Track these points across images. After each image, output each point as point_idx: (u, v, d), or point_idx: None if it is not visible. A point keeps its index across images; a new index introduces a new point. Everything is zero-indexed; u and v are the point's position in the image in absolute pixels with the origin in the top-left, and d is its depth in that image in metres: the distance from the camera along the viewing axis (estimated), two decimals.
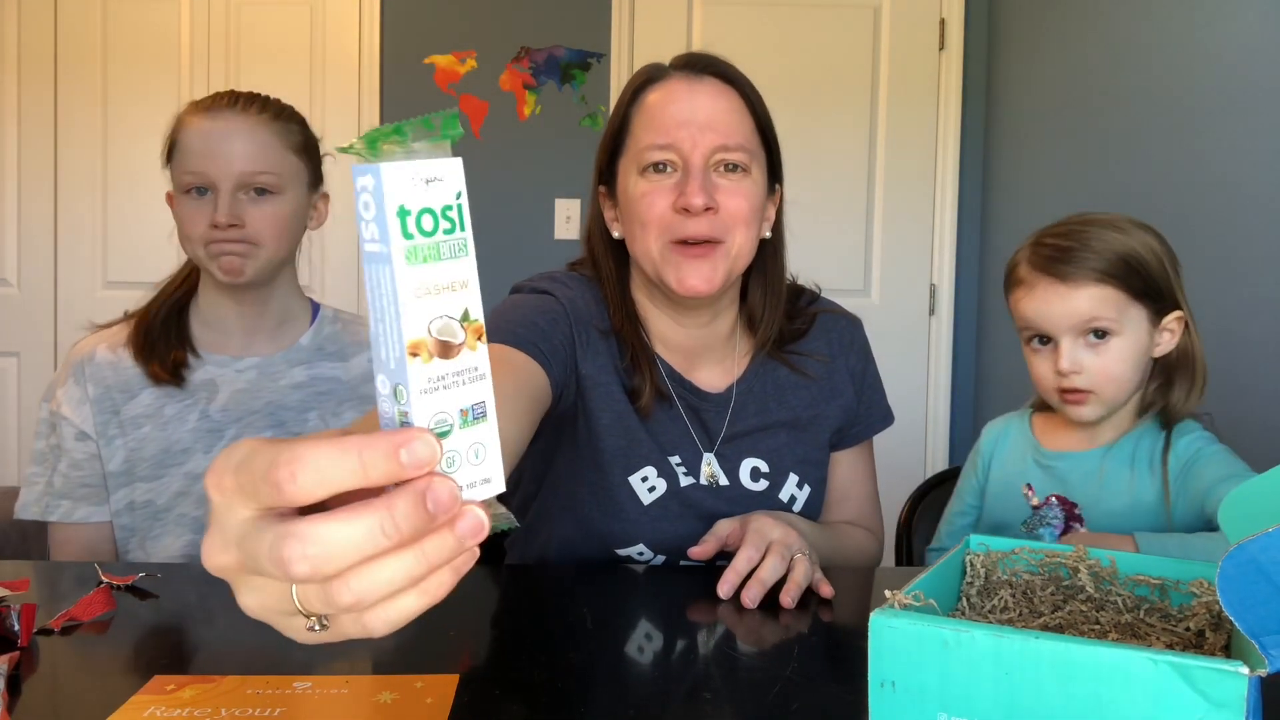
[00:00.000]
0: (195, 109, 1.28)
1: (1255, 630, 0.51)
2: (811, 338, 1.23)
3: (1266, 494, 0.59)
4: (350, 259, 3.03)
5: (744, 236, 1.06)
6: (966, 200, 3.10)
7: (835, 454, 1.28)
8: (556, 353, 1.01)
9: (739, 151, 1.05)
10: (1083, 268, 1.10)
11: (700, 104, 1.05)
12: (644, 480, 1.12)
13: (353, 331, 1.39)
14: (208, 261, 1.25)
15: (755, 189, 1.07)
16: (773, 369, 1.21)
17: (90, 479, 1.26)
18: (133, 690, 0.72)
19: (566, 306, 1.09)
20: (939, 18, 3.05)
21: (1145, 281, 1.11)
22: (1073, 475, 1.19)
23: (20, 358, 3.05)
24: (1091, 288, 1.10)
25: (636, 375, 1.11)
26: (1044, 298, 1.12)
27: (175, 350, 1.27)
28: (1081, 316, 1.11)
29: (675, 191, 1.03)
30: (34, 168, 3.02)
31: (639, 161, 1.06)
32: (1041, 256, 1.13)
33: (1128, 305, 1.11)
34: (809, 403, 1.22)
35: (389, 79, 3.07)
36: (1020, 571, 0.77)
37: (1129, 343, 1.12)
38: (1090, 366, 1.12)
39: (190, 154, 1.24)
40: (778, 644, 0.90)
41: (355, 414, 1.33)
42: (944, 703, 0.58)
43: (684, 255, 1.04)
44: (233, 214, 1.21)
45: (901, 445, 3.11)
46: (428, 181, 0.39)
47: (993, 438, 1.29)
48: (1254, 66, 1.74)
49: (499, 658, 0.83)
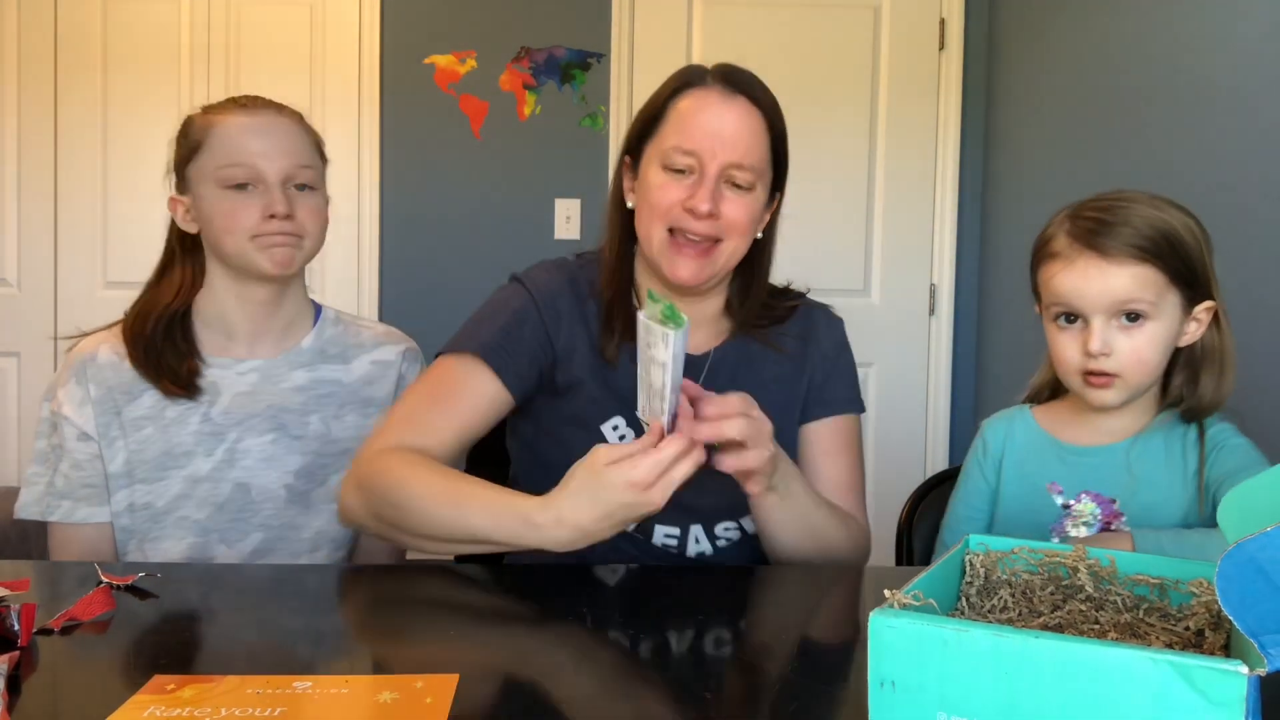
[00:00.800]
0: (223, 109, 1.26)
1: (1254, 629, 0.51)
2: (790, 323, 1.31)
3: (1266, 494, 0.59)
4: (351, 259, 3.03)
5: (737, 242, 1.19)
6: (966, 200, 3.10)
7: (805, 428, 1.30)
8: (520, 351, 1.19)
9: (748, 171, 1.16)
10: (1126, 243, 1.05)
11: (728, 121, 1.15)
12: (615, 429, 1.21)
13: (354, 333, 1.38)
14: (255, 254, 1.24)
15: (755, 204, 1.19)
16: (748, 343, 1.29)
17: (92, 479, 1.25)
18: (133, 690, 0.72)
19: (535, 295, 1.22)
20: (939, 17, 3.05)
21: (1185, 263, 1.07)
22: (1103, 469, 1.14)
23: (20, 358, 3.05)
24: (1133, 266, 1.06)
25: (609, 329, 1.22)
26: (1083, 272, 1.07)
27: (187, 360, 1.26)
28: (1118, 296, 1.06)
29: (688, 191, 1.15)
30: (34, 168, 3.02)
31: (663, 157, 1.17)
32: (1082, 229, 1.08)
33: (1165, 289, 1.07)
34: (780, 375, 1.28)
35: (389, 79, 3.07)
36: (1020, 571, 0.77)
37: (1162, 328, 1.07)
38: (1121, 349, 1.07)
39: (234, 149, 1.23)
40: (778, 644, 0.90)
41: (356, 417, 1.32)
42: (944, 702, 0.58)
43: (680, 249, 1.17)
44: (289, 204, 1.23)
45: (901, 445, 3.11)
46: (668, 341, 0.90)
47: (1000, 436, 1.23)
48: (1255, 65, 1.74)
49: (499, 658, 0.83)
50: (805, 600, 1.00)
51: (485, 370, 1.17)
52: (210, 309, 1.30)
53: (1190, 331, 1.11)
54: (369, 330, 1.40)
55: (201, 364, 1.27)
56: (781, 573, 1.14)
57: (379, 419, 1.30)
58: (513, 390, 1.18)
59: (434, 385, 1.18)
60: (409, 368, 1.38)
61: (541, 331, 1.20)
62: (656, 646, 0.88)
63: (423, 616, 0.99)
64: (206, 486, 1.26)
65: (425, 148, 3.09)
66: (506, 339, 1.18)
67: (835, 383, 1.31)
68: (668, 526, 1.21)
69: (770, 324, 1.30)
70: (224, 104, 1.28)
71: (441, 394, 1.16)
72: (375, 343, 1.38)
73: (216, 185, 1.24)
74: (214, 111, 1.27)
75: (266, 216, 1.22)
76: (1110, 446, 1.14)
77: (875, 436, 3.11)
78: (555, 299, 1.23)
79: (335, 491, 1.27)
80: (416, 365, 1.39)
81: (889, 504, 1.38)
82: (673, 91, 1.19)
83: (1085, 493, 1.14)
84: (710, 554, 1.22)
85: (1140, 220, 1.07)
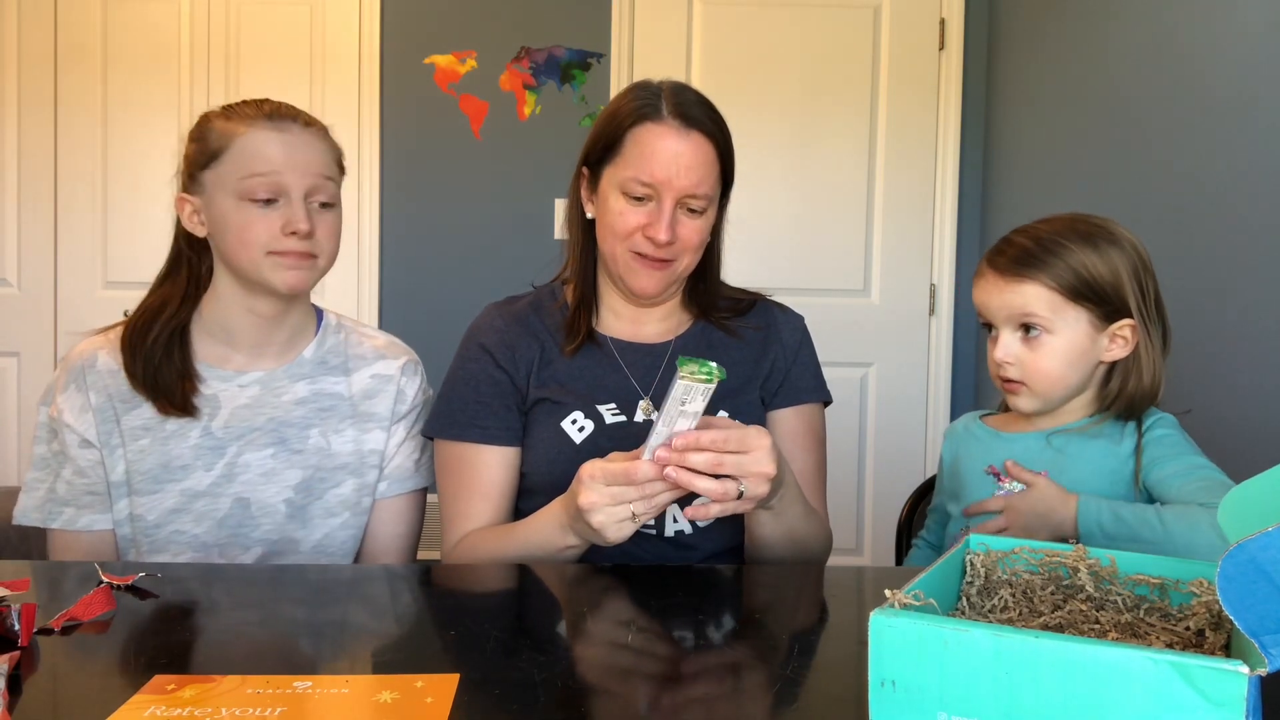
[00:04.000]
0: (248, 119, 1.23)
1: (1255, 629, 0.51)
2: (750, 316, 1.39)
3: (1266, 494, 0.59)
4: (351, 259, 3.03)
5: (691, 258, 1.29)
6: (966, 200, 3.10)
7: (772, 414, 1.34)
8: (495, 409, 1.28)
9: (703, 199, 1.25)
10: (1017, 262, 1.15)
11: (684, 154, 1.23)
12: (574, 423, 1.26)
13: (355, 343, 1.36)
14: (269, 272, 1.22)
15: (706, 223, 1.28)
16: (709, 331, 1.36)
17: (95, 486, 1.24)
18: (133, 690, 0.72)
19: (487, 346, 1.31)
20: (939, 17, 3.05)
21: (1087, 285, 1.14)
22: (1031, 450, 1.21)
23: (20, 358, 3.05)
24: (1027, 285, 1.15)
25: (573, 332, 1.31)
26: (985, 288, 1.19)
27: (184, 381, 1.24)
28: (1013, 309, 1.16)
29: (647, 219, 1.24)
30: (34, 168, 3.02)
31: (623, 185, 1.24)
32: (994, 249, 1.20)
33: (1064, 306, 1.14)
34: (741, 360, 1.33)
35: (389, 79, 3.07)
36: (1020, 571, 0.77)
37: (1063, 341, 1.16)
38: (1023, 359, 1.17)
39: (259, 162, 1.20)
40: (778, 644, 0.90)
41: (354, 431, 1.31)
42: (944, 702, 0.58)
43: (641, 265, 1.26)
44: (310, 222, 1.21)
45: (901, 445, 3.11)
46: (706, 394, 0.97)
47: (952, 442, 1.34)
48: (1254, 65, 1.74)
49: (499, 658, 0.83)
50: (805, 600, 1.00)
51: (476, 447, 1.26)
52: (214, 317, 1.28)
53: (1116, 348, 1.17)
54: (370, 341, 1.37)
55: (199, 382, 1.25)
56: (781, 573, 1.14)
57: (377, 435, 1.32)
58: (510, 442, 1.27)
59: (453, 475, 1.28)
60: (408, 381, 1.36)
61: (504, 378, 1.29)
62: (656, 646, 0.88)
63: (423, 616, 0.99)
64: (205, 501, 1.24)
65: (425, 148, 3.09)
66: (480, 409, 1.27)
67: (799, 371, 1.36)
68: None
69: (732, 316, 1.37)
70: (249, 109, 1.24)
71: (464, 480, 1.27)
72: (376, 355, 1.36)
73: (236, 197, 1.20)
74: (238, 119, 1.23)
75: (286, 233, 1.20)
76: (1039, 432, 1.22)
77: (875, 436, 3.11)
78: (504, 336, 1.31)
79: (333, 506, 1.28)
80: (416, 378, 1.37)
81: (889, 504, 1.38)
82: (632, 121, 1.24)
83: (1010, 462, 1.22)
84: (689, 532, 1.24)
85: (1042, 242, 1.15)
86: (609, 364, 1.31)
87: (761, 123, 3.02)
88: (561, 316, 1.33)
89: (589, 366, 1.31)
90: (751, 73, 3.02)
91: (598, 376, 1.30)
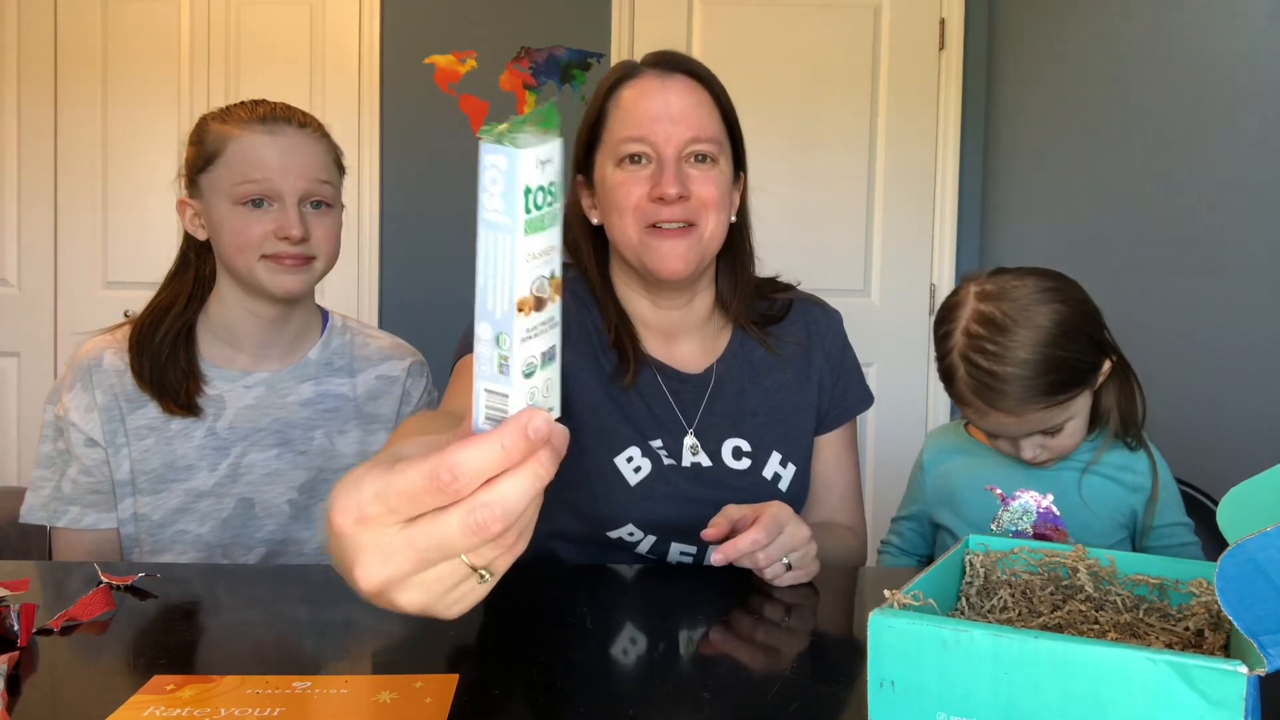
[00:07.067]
0: (243, 121, 1.23)
1: (1254, 629, 0.51)
2: (789, 322, 1.29)
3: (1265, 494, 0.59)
4: (351, 259, 3.03)
5: (715, 220, 1.14)
6: (966, 200, 3.10)
7: (819, 439, 1.28)
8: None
9: (708, 143, 1.12)
10: (1018, 400, 1.14)
11: (672, 99, 1.11)
12: (629, 461, 1.15)
13: (360, 344, 1.37)
14: (263, 276, 1.22)
15: (723, 177, 1.14)
16: (750, 350, 1.26)
17: (101, 485, 1.24)
18: (133, 690, 0.72)
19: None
20: (939, 18, 3.05)
21: (1074, 375, 1.15)
22: (1041, 474, 1.25)
23: (20, 358, 3.05)
24: (1034, 413, 1.15)
25: (619, 349, 1.18)
26: (996, 423, 1.18)
27: (189, 380, 1.24)
28: (1035, 428, 1.18)
29: (650, 181, 1.11)
30: (34, 167, 3.02)
31: (615, 154, 1.13)
32: (982, 385, 1.15)
33: (1072, 399, 1.17)
34: (786, 383, 1.25)
35: (389, 79, 3.07)
36: (1019, 571, 0.77)
37: (1079, 418, 1.20)
38: (1052, 447, 1.20)
39: (250, 166, 1.20)
40: (777, 644, 0.90)
41: (359, 432, 1.31)
42: (943, 702, 0.58)
43: (661, 238, 1.12)
44: (304, 225, 1.21)
45: (901, 445, 3.11)
46: (543, 163, 0.45)
47: (935, 452, 1.35)
48: (1255, 67, 1.74)
49: (499, 658, 0.83)
50: (805, 600, 1.00)
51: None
52: (219, 318, 1.29)
53: (1099, 383, 1.22)
54: (375, 342, 1.38)
55: (204, 383, 1.26)
56: None
57: (382, 436, 1.30)
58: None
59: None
60: (413, 383, 1.36)
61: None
62: (657, 646, 0.88)
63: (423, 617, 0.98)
64: (209, 501, 1.24)
65: (425, 148, 3.09)
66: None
67: (845, 386, 1.30)
68: (685, 545, 1.17)
69: (767, 324, 1.27)
70: (244, 112, 1.24)
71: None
72: (382, 356, 1.36)
73: (231, 201, 1.21)
74: (233, 122, 1.23)
75: (279, 237, 1.20)
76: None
77: (875, 436, 3.11)
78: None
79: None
80: (421, 379, 1.38)
81: (889, 504, 1.38)
82: (609, 89, 1.16)
83: (1023, 490, 1.26)
84: (690, 562, 1.19)
85: (1030, 370, 1.12)
86: (650, 391, 1.20)
87: (761, 123, 3.01)
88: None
89: (641, 398, 1.19)
90: (751, 73, 3.02)
91: (642, 407, 1.19)
